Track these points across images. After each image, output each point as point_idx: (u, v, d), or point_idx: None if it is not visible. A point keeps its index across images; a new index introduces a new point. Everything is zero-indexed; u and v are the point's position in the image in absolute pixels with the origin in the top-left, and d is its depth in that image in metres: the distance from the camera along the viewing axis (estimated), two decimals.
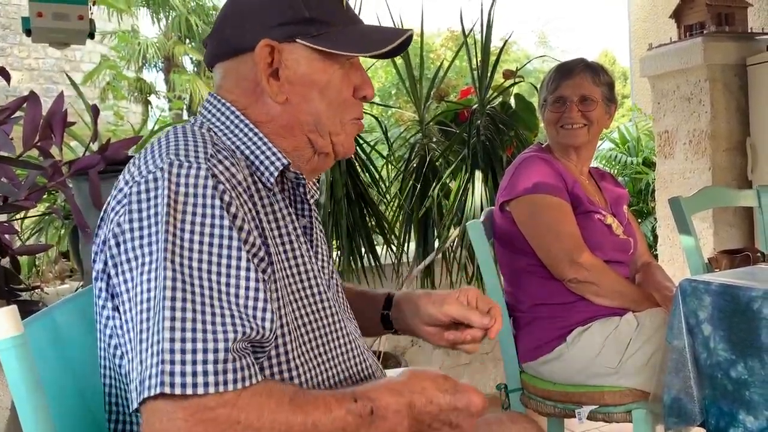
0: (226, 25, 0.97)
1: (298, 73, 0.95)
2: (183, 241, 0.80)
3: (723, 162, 3.15)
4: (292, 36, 0.94)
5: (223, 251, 0.81)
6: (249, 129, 0.96)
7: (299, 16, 0.94)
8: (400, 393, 0.86)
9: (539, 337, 1.82)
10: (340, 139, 1.00)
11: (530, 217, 1.83)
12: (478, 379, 3.23)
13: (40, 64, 9.81)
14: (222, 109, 0.97)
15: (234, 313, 0.78)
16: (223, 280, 0.80)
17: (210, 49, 1.00)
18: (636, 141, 5.34)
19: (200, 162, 0.84)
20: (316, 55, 0.95)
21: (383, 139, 2.93)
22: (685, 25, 3.25)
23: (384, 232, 2.81)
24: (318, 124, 0.98)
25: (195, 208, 0.81)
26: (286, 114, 0.96)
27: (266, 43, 0.93)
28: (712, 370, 1.40)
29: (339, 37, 0.95)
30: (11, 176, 1.56)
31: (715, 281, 1.41)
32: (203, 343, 0.75)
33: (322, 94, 0.97)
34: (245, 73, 0.96)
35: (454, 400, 0.88)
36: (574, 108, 1.88)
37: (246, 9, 0.96)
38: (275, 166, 0.94)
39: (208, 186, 0.82)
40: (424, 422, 0.87)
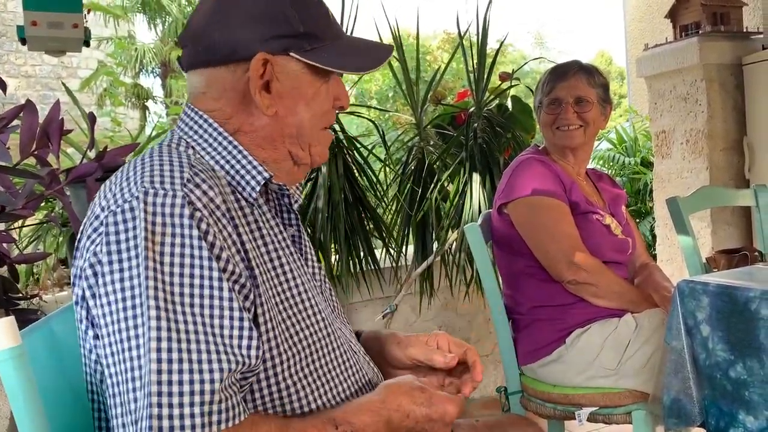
0: (215, 30, 0.93)
1: (287, 87, 0.94)
2: (164, 275, 0.79)
3: (720, 161, 3.15)
4: (286, 49, 0.93)
5: (204, 282, 0.80)
6: (228, 143, 0.94)
7: (294, 30, 0.93)
8: (377, 413, 0.88)
9: (538, 340, 1.82)
10: (317, 150, 1.00)
11: (528, 219, 1.83)
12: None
13: (37, 71, 9.81)
14: (200, 122, 0.95)
15: (220, 348, 0.78)
16: (206, 312, 0.79)
17: (191, 53, 0.96)
18: (633, 141, 5.35)
19: (176, 189, 0.83)
20: (306, 69, 0.95)
21: (381, 143, 2.93)
22: (681, 25, 3.26)
23: (382, 235, 2.81)
24: (300, 136, 0.97)
25: (173, 238, 0.80)
26: (271, 126, 0.95)
27: (262, 55, 0.91)
28: (711, 370, 1.40)
29: (329, 52, 0.95)
30: (8, 185, 1.56)
31: (712, 282, 1.41)
32: (190, 385, 0.76)
33: (308, 107, 0.96)
34: (233, 83, 0.94)
35: (430, 412, 0.90)
36: (569, 109, 1.89)
37: (240, 17, 0.93)
38: (257, 180, 0.93)
39: (184, 215, 0.81)
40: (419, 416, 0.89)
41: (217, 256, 0.82)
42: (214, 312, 0.80)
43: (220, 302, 0.80)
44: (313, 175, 2.69)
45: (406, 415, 0.89)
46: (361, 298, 2.88)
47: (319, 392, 0.92)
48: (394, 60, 2.89)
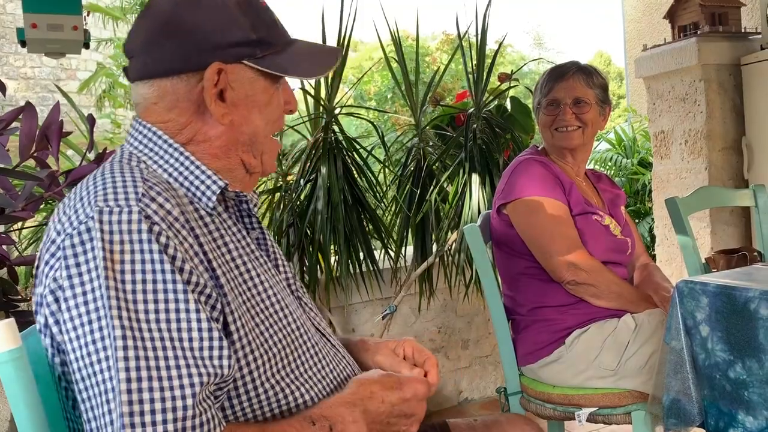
0: (166, 41, 0.92)
1: (241, 95, 0.94)
2: (126, 293, 0.78)
3: (719, 162, 3.15)
4: (239, 58, 0.93)
5: (169, 296, 0.79)
6: (179, 154, 0.93)
7: (247, 38, 0.93)
8: (353, 404, 0.89)
9: (538, 340, 1.82)
10: (268, 158, 1.01)
11: (527, 219, 1.83)
12: (477, 383, 3.24)
13: (36, 72, 9.81)
14: (150, 136, 0.94)
15: (190, 362, 0.78)
16: (174, 327, 0.79)
17: (140, 64, 0.94)
18: (632, 142, 5.35)
19: (131, 205, 0.82)
20: (259, 77, 0.95)
21: (380, 144, 2.94)
22: (679, 25, 3.26)
23: (382, 236, 2.81)
24: (254, 144, 0.97)
25: (133, 255, 0.79)
26: (226, 135, 0.95)
27: (217, 65, 0.91)
28: (711, 370, 1.40)
29: (282, 58, 0.95)
30: (8, 187, 1.56)
31: (711, 282, 1.41)
32: (162, 402, 0.75)
33: (262, 114, 0.96)
34: (187, 93, 0.93)
35: (402, 393, 0.92)
36: (567, 110, 1.89)
37: (192, 27, 0.92)
38: (212, 189, 0.92)
39: (142, 230, 0.80)
40: (381, 422, 0.91)
41: (180, 269, 0.81)
42: (182, 325, 0.79)
43: (187, 315, 0.79)
44: (312, 176, 2.70)
45: (381, 400, 0.90)
46: (360, 299, 2.88)
47: (300, 392, 0.92)
48: (393, 61, 2.89)
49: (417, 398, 0.93)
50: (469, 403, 3.20)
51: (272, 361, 0.90)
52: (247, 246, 0.96)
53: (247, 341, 0.87)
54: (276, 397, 0.89)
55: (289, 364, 0.92)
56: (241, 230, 0.97)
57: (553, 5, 49.07)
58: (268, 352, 0.90)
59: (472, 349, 3.22)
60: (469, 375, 3.22)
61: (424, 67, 10.47)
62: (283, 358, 0.92)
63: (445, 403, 3.15)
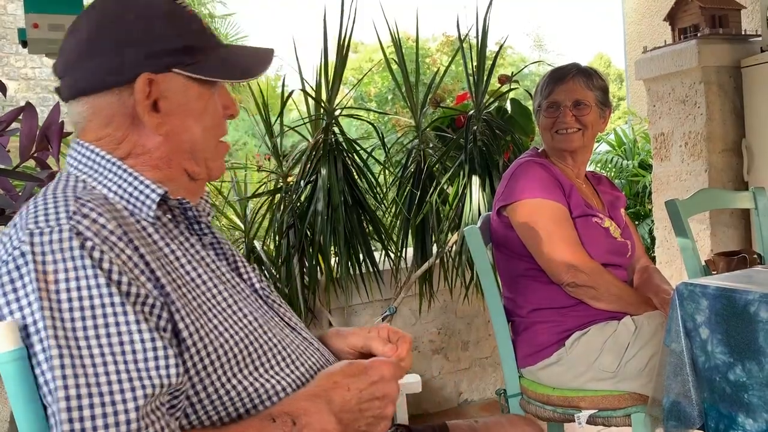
0: (94, 57, 0.92)
1: (175, 103, 0.93)
2: (63, 313, 0.78)
3: (719, 164, 3.15)
4: (168, 66, 0.92)
5: (107, 310, 0.79)
6: (117, 167, 0.93)
7: (174, 46, 0.92)
8: (315, 395, 0.88)
9: (538, 342, 1.82)
10: (215, 164, 1.00)
11: (527, 221, 1.83)
12: (477, 384, 3.24)
13: (37, 73, 9.82)
14: (86, 154, 0.94)
15: (132, 375, 0.77)
16: (115, 341, 0.78)
17: (70, 83, 0.94)
18: (632, 144, 5.35)
19: (61, 224, 0.81)
20: (191, 83, 0.94)
21: (380, 145, 2.94)
22: (679, 27, 3.27)
23: (382, 238, 2.81)
24: (195, 152, 0.97)
25: (67, 273, 0.79)
26: (165, 146, 0.95)
27: (146, 76, 0.90)
28: (711, 373, 1.40)
29: (212, 62, 0.95)
30: (8, 187, 1.56)
31: (711, 284, 1.41)
32: (103, 419, 0.74)
33: (198, 121, 0.96)
34: (120, 107, 0.92)
35: (368, 377, 0.90)
36: (568, 113, 1.89)
37: (118, 41, 0.92)
38: (151, 198, 0.92)
39: (74, 247, 0.80)
40: (353, 410, 0.89)
41: (118, 282, 0.80)
42: (123, 338, 0.78)
43: (127, 327, 0.79)
44: (313, 178, 2.70)
45: (346, 388, 0.89)
46: (360, 301, 2.88)
47: (265, 387, 0.91)
48: (393, 62, 2.90)
49: (385, 379, 0.91)
50: (468, 404, 3.20)
51: (232, 361, 0.89)
52: (196, 253, 0.95)
53: (203, 345, 0.87)
54: (239, 396, 0.89)
55: (252, 362, 0.91)
56: (189, 238, 0.97)
57: (553, 7, 49.13)
58: (228, 353, 0.89)
59: (472, 351, 3.22)
60: (468, 376, 3.22)
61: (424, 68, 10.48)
62: (246, 357, 0.91)
63: (444, 404, 3.15)
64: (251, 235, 2.76)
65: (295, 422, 0.84)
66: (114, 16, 0.93)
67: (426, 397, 3.08)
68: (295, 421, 0.84)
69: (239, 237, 2.83)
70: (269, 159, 3.00)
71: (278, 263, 2.68)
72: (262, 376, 0.92)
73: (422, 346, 3.10)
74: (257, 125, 2.89)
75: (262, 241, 2.82)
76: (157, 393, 0.78)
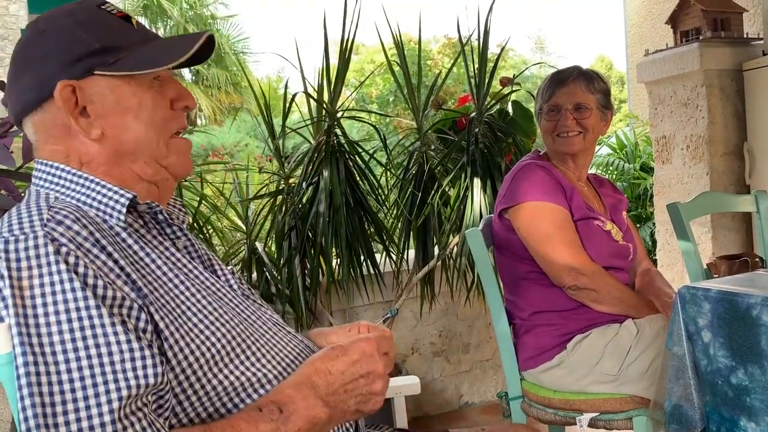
0: (20, 78, 0.94)
1: (106, 105, 0.93)
2: (38, 318, 0.78)
3: (721, 167, 3.15)
4: (89, 70, 0.92)
5: (81, 314, 0.78)
6: (79, 177, 0.93)
7: (90, 49, 0.92)
8: (299, 383, 0.88)
9: (539, 345, 1.82)
10: (171, 161, 0.99)
11: (529, 224, 1.83)
12: (478, 387, 3.23)
13: None
14: (48, 170, 0.95)
15: (108, 377, 0.76)
16: (90, 343, 0.78)
17: (11, 106, 0.96)
18: (634, 146, 5.35)
19: (36, 230, 0.82)
20: (120, 82, 0.93)
21: (382, 147, 2.94)
22: (681, 30, 3.27)
23: (383, 240, 2.81)
24: (140, 151, 0.96)
25: (42, 279, 0.79)
26: (106, 149, 0.94)
27: (64, 84, 0.91)
28: (713, 376, 1.40)
29: (137, 57, 0.94)
30: (11, 188, 1.57)
31: (713, 288, 1.41)
32: (77, 423, 0.74)
33: (138, 118, 0.94)
34: (52, 120, 0.93)
35: (348, 357, 0.90)
36: (568, 116, 1.89)
37: (36, 55, 0.93)
38: (120, 202, 0.92)
39: (49, 253, 0.80)
40: (338, 392, 0.89)
41: (93, 285, 0.80)
42: (99, 341, 0.78)
43: (103, 329, 0.78)
44: (314, 180, 2.70)
45: (327, 372, 0.89)
46: (362, 303, 2.88)
47: (251, 381, 0.92)
48: (395, 64, 2.90)
49: (366, 355, 0.90)
50: (469, 407, 3.19)
51: (216, 357, 0.90)
52: (171, 255, 0.95)
53: (185, 343, 0.88)
54: (225, 390, 0.89)
55: (237, 356, 0.92)
56: (163, 241, 0.97)
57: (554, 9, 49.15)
58: (210, 349, 0.90)
59: (473, 353, 3.22)
60: (469, 379, 3.21)
61: (425, 70, 10.49)
62: (229, 352, 0.91)
63: (445, 407, 3.15)
64: (253, 237, 2.76)
65: (282, 410, 0.85)
66: (30, 36, 0.95)
67: (427, 399, 3.07)
68: (281, 409, 0.85)
69: (241, 238, 2.83)
70: (271, 160, 3.00)
71: (280, 265, 2.69)
72: (249, 370, 0.92)
73: (423, 348, 3.10)
74: (259, 126, 2.89)
75: (263, 243, 2.82)
76: (134, 394, 0.77)
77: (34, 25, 0.97)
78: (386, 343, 0.96)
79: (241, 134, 13.27)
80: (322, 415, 0.87)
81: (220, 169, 3.54)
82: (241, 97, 15.08)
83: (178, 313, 0.89)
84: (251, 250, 2.74)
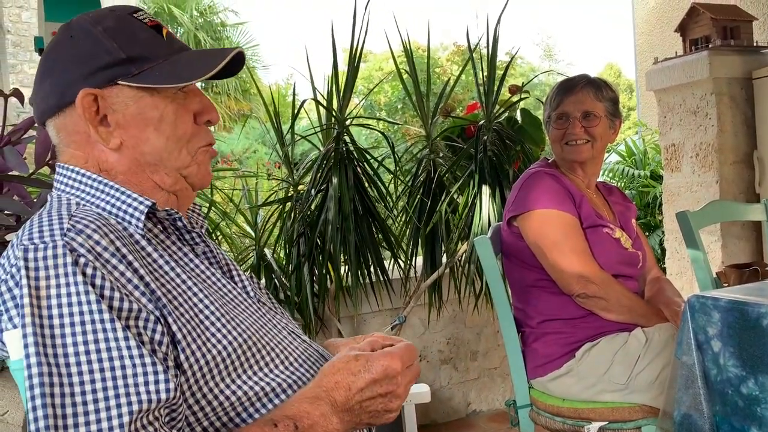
0: (45, 82, 0.95)
1: (128, 115, 0.93)
2: (54, 329, 0.78)
3: (730, 175, 3.14)
4: (112, 79, 0.92)
5: (96, 327, 0.79)
6: (99, 182, 0.94)
7: (116, 58, 0.92)
8: (317, 397, 0.87)
9: (548, 353, 1.82)
10: (191, 170, 0.99)
11: (538, 231, 1.83)
12: (485, 395, 3.22)
13: None
14: (69, 175, 0.96)
15: (120, 392, 0.77)
16: (104, 356, 0.78)
17: (35, 108, 0.98)
18: (643, 154, 5.34)
19: (56, 240, 0.82)
20: (142, 93, 0.93)
21: (390, 154, 2.94)
22: (691, 39, 3.27)
23: (392, 247, 2.82)
24: (160, 162, 0.96)
25: (58, 289, 0.80)
26: (125, 158, 0.95)
27: (86, 92, 0.91)
28: (723, 386, 1.39)
29: (162, 70, 0.94)
30: (23, 194, 1.58)
31: (723, 297, 1.41)
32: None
33: (158, 131, 0.94)
34: (73, 126, 0.94)
35: (371, 375, 0.88)
36: (577, 124, 1.89)
37: (61, 60, 0.94)
38: (139, 210, 0.92)
39: (67, 264, 0.81)
40: (353, 409, 0.88)
41: (109, 297, 0.81)
42: (112, 354, 0.78)
43: (116, 343, 0.78)
44: (324, 186, 2.71)
45: (347, 388, 0.87)
46: (370, 309, 2.88)
47: (265, 390, 0.91)
48: (404, 72, 2.91)
49: (389, 376, 0.88)
50: (477, 415, 3.18)
51: (231, 366, 0.90)
52: (190, 262, 0.96)
53: (201, 353, 0.87)
54: (240, 400, 0.89)
55: (251, 366, 0.92)
56: (182, 247, 0.97)
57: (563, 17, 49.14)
58: (226, 358, 0.89)
59: (480, 361, 3.22)
60: (477, 387, 3.21)
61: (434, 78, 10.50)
62: (244, 361, 0.91)
63: (453, 414, 3.14)
64: (262, 243, 2.77)
65: (297, 426, 0.84)
66: (63, 39, 0.96)
67: (434, 407, 3.07)
68: (297, 425, 0.84)
69: (249, 245, 2.84)
70: (279, 167, 3.01)
71: (288, 271, 2.69)
72: (262, 380, 0.92)
73: (431, 356, 3.10)
74: (268, 133, 2.90)
75: (272, 249, 2.83)
76: (145, 409, 0.77)
77: (65, 29, 0.97)
78: (411, 356, 0.93)
79: (249, 141, 13.33)
80: (337, 429, 0.86)
81: (229, 175, 3.56)
82: (249, 104, 15.15)
83: (196, 323, 0.89)
84: (260, 257, 2.74)
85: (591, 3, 51.06)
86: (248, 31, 21.22)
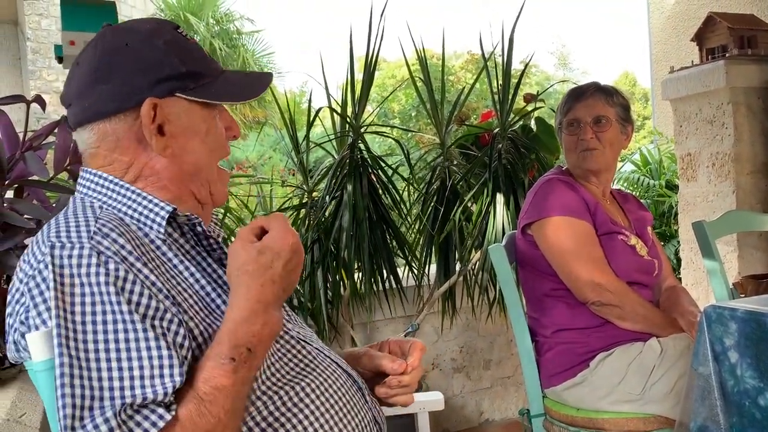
0: (100, 85, 0.97)
1: (180, 126, 0.98)
2: (76, 324, 0.80)
3: (747, 185, 3.11)
4: (171, 91, 0.97)
5: (118, 327, 0.81)
6: (126, 189, 0.97)
7: (176, 72, 0.97)
8: (253, 312, 0.86)
9: (562, 362, 1.81)
10: (217, 188, 1.04)
11: (552, 239, 1.82)
12: (498, 404, 3.21)
13: None
14: (96, 180, 0.98)
15: (136, 383, 0.79)
16: (123, 356, 0.80)
17: (77, 111, 0.99)
18: (658, 163, 5.31)
19: (83, 242, 0.85)
20: (195, 106, 0.99)
21: (404, 162, 2.95)
22: (707, 48, 3.25)
23: (405, 254, 2.82)
24: (199, 173, 1.00)
25: (83, 288, 0.82)
26: (172, 167, 0.98)
27: (151, 101, 0.95)
28: (740, 397, 1.38)
29: (214, 86, 1.00)
30: (43, 199, 1.60)
31: (740, 308, 1.39)
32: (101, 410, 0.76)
33: (204, 143, 1.00)
34: (126, 131, 0.97)
35: (282, 260, 0.88)
36: (588, 129, 1.89)
37: (123, 69, 0.97)
38: (161, 215, 0.95)
39: (92, 264, 0.83)
40: (285, 291, 0.89)
41: (136, 301, 0.83)
42: (132, 354, 0.80)
43: (137, 344, 0.81)
44: (338, 194, 2.72)
45: (272, 282, 0.87)
46: (383, 317, 2.88)
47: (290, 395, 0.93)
48: (418, 80, 2.92)
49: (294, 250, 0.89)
50: (490, 424, 3.17)
51: None
52: (208, 266, 0.98)
53: None
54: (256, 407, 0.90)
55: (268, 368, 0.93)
56: (200, 252, 1.00)
57: (578, 25, 49.03)
58: None
59: (494, 370, 3.20)
60: (490, 396, 3.19)
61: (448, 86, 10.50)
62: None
63: (465, 423, 3.13)
64: None
65: (251, 349, 0.85)
66: (118, 46, 0.98)
67: (447, 415, 3.06)
68: (250, 349, 0.85)
69: None
70: (294, 174, 3.03)
71: (302, 278, 2.70)
72: (279, 381, 0.93)
73: (444, 364, 3.09)
74: (283, 140, 2.92)
75: None
76: (159, 401, 0.79)
77: (110, 37, 0.99)
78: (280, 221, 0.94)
79: (264, 147, 13.40)
80: (279, 316, 0.89)
81: (244, 182, 3.58)
82: (265, 111, 15.23)
83: (215, 329, 0.90)
84: None
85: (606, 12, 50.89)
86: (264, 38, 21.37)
